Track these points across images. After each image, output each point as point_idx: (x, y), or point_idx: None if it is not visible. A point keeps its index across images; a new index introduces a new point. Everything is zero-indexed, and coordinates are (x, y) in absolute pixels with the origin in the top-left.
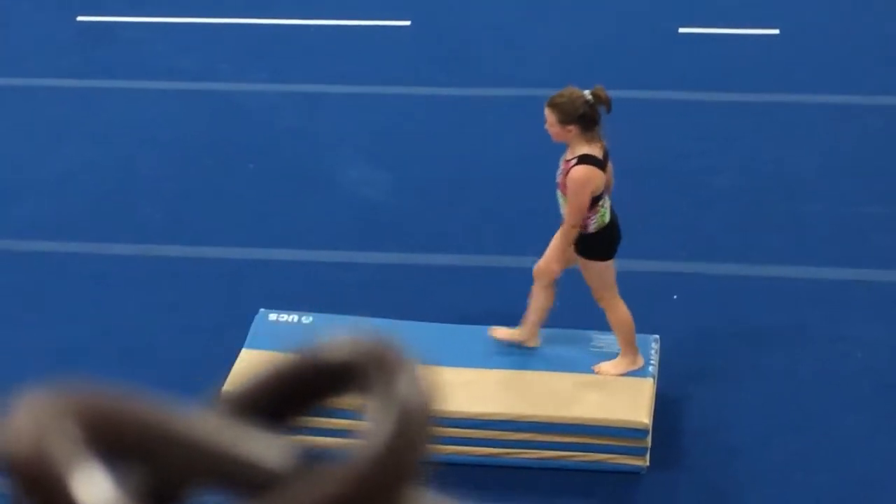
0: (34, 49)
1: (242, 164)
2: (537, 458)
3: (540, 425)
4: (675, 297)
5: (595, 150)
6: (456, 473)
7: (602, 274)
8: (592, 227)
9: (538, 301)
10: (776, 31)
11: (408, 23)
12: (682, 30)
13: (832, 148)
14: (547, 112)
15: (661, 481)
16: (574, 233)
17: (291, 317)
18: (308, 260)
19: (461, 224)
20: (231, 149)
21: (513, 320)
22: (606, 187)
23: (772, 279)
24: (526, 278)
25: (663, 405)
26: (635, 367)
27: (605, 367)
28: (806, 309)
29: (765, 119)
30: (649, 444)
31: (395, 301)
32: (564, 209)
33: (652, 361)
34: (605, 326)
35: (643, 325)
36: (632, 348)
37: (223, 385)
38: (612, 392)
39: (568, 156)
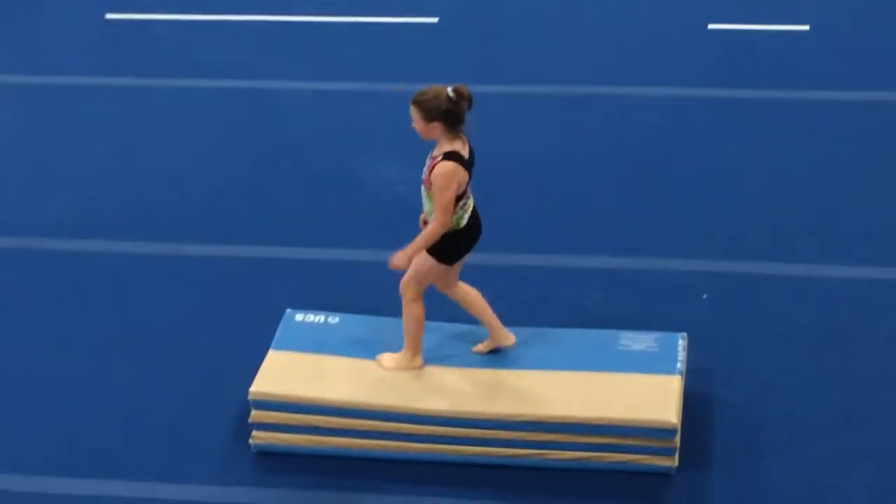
0: (64, 47)
1: (274, 162)
2: (565, 459)
3: (567, 426)
4: (704, 296)
5: (460, 148)
6: (483, 475)
7: (429, 272)
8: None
9: (466, 305)
10: (806, 28)
11: (435, 20)
12: (711, 26)
13: (864, 145)
14: (411, 110)
15: (690, 481)
16: (440, 232)
17: (318, 317)
18: (337, 259)
19: (492, 222)
20: (262, 146)
21: (542, 320)
22: (466, 188)
23: (803, 278)
24: (559, 277)
25: (692, 405)
26: (412, 366)
27: (383, 359)
28: (837, 308)
29: (796, 116)
30: (678, 444)
31: (426, 302)
32: (427, 207)
33: (680, 359)
34: (628, 326)
35: (672, 324)
36: (413, 348)
37: (252, 385)
38: (640, 392)
39: (435, 152)
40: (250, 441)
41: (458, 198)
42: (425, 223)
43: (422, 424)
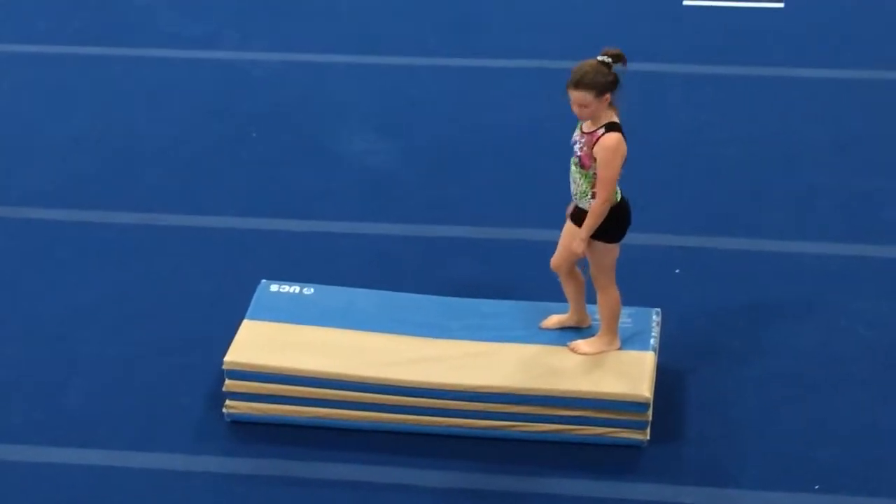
0: (39, 15)
1: (246, 133)
2: (538, 432)
3: (540, 399)
4: (677, 271)
5: (617, 118)
6: (456, 446)
7: (605, 256)
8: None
9: (570, 289)
10: (781, 5)
11: None
12: (686, 2)
13: (839, 122)
14: (578, 94)
15: (662, 455)
16: (606, 208)
17: (293, 288)
18: (311, 230)
19: (467, 195)
20: (235, 117)
21: (518, 293)
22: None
23: (777, 254)
24: (532, 250)
25: (665, 379)
26: (611, 349)
27: (581, 345)
28: (810, 284)
29: (770, 93)
30: (650, 418)
31: (400, 273)
32: (581, 187)
33: (653, 334)
34: None
35: (645, 299)
36: (612, 331)
37: (226, 355)
38: (613, 366)
39: (590, 127)
40: (224, 410)
41: None
42: (577, 211)
43: (395, 395)
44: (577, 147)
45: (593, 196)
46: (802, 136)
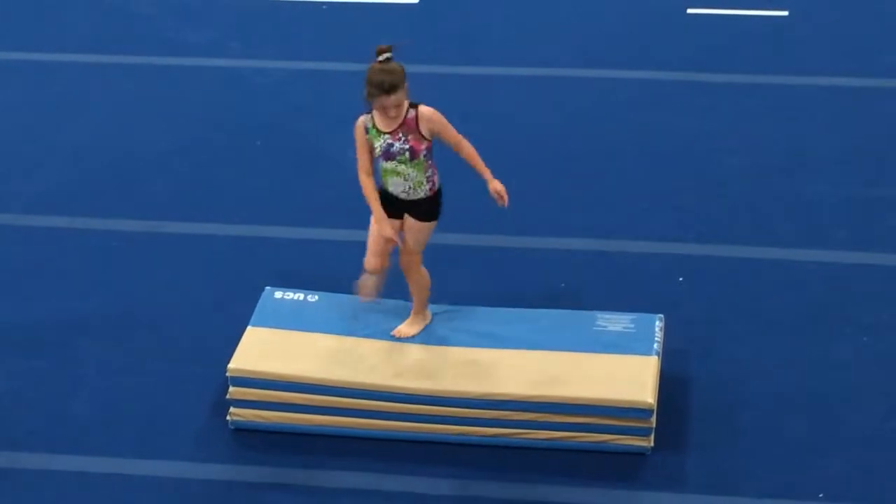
0: (43, 24)
1: (250, 141)
2: (541, 439)
3: (544, 406)
4: (680, 279)
5: None
6: (460, 454)
7: (429, 235)
8: (438, 183)
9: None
10: (785, 13)
11: (416, 0)
12: (690, 10)
13: (842, 130)
14: (397, 96)
15: (665, 462)
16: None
17: (297, 295)
18: (316, 238)
19: (468, 203)
20: (239, 126)
21: (519, 301)
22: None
23: (781, 262)
24: (534, 258)
25: (668, 386)
26: (427, 322)
27: (403, 329)
28: (814, 292)
29: (774, 101)
30: (654, 425)
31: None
32: (416, 179)
33: (657, 340)
34: (606, 306)
35: (649, 306)
36: (425, 307)
37: (230, 362)
38: (617, 372)
39: (395, 120)
40: (228, 418)
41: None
42: (405, 204)
43: (399, 403)
44: (397, 147)
45: (429, 182)
46: (806, 145)
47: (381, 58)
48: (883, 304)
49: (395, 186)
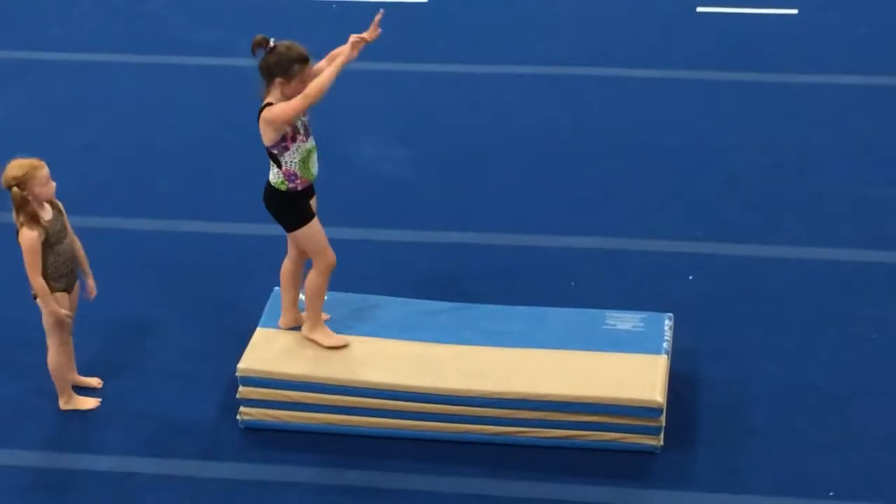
0: (52, 23)
1: (260, 140)
2: (550, 437)
3: (553, 404)
4: (690, 277)
5: None
6: (469, 452)
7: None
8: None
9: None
10: (795, 11)
11: None
12: (699, 9)
13: (851, 129)
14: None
15: (675, 461)
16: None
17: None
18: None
19: (478, 202)
20: (248, 124)
21: (528, 299)
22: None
23: (789, 260)
24: (544, 256)
25: (678, 385)
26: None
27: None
28: (823, 290)
29: (783, 100)
30: (664, 424)
31: (412, 279)
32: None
33: (666, 338)
34: (615, 305)
35: (658, 305)
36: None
37: (239, 361)
38: (626, 371)
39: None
40: (238, 417)
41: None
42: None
43: (407, 401)
44: (305, 119)
45: None
46: (814, 143)
47: (272, 43)
48: (891, 302)
49: (315, 165)
